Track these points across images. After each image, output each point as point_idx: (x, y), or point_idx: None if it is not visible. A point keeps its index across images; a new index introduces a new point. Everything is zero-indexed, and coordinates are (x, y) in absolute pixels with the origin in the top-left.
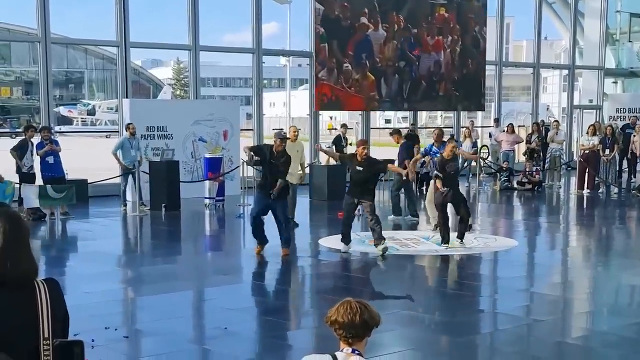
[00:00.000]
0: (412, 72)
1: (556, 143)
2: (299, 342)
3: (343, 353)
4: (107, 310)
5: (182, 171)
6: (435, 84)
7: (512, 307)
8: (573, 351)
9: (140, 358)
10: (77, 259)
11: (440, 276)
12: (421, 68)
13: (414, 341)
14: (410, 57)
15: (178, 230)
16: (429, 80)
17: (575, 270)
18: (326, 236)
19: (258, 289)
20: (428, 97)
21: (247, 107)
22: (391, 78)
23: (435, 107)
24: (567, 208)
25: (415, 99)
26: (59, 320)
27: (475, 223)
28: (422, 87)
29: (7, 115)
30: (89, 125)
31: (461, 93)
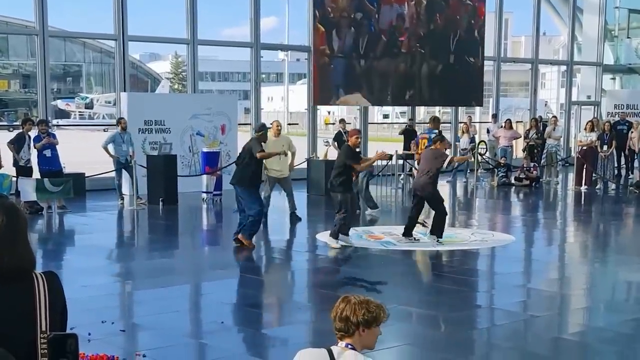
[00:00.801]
0: (371, 25)
1: (553, 139)
2: (296, 337)
3: (338, 347)
4: (103, 304)
5: (179, 165)
6: (397, 39)
7: (508, 302)
8: (569, 347)
9: (137, 352)
10: (74, 252)
11: (436, 271)
12: (381, 21)
13: (410, 336)
14: (368, 8)
15: (175, 224)
16: (390, 35)
17: (572, 266)
18: (323, 231)
19: (254, 283)
20: (388, 54)
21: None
22: (345, 30)
23: (397, 65)
24: (564, 204)
25: (374, 55)
26: (56, 313)
27: (473, 219)
28: (382, 42)
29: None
30: (87, 118)
31: (427, 50)
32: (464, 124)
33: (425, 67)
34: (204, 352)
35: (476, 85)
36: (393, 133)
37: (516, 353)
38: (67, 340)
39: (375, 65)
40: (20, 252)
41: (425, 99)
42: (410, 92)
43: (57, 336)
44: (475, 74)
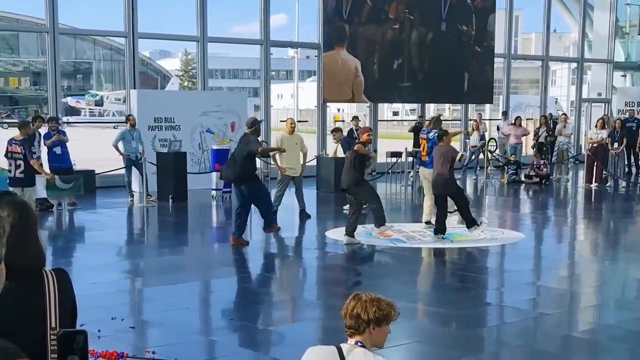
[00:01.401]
0: None
1: (564, 136)
2: (305, 334)
3: (347, 344)
4: (113, 301)
5: (189, 162)
6: (384, 4)
7: (518, 300)
8: (579, 344)
9: (147, 348)
10: (84, 249)
11: (446, 269)
12: None
13: (419, 334)
14: None
15: (185, 222)
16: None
17: (582, 263)
18: (332, 228)
19: (264, 280)
20: (374, 20)
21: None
22: None
23: (384, 32)
24: (574, 201)
25: (358, 20)
26: (66, 310)
27: (483, 216)
28: (367, 7)
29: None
30: (97, 115)
31: (416, 17)
32: (473, 121)
33: (415, 35)
34: (214, 349)
35: (469, 56)
36: (403, 130)
37: (526, 351)
38: (76, 337)
39: (360, 32)
40: (31, 250)
41: (415, 69)
42: (398, 62)
43: (66, 333)
44: (468, 43)
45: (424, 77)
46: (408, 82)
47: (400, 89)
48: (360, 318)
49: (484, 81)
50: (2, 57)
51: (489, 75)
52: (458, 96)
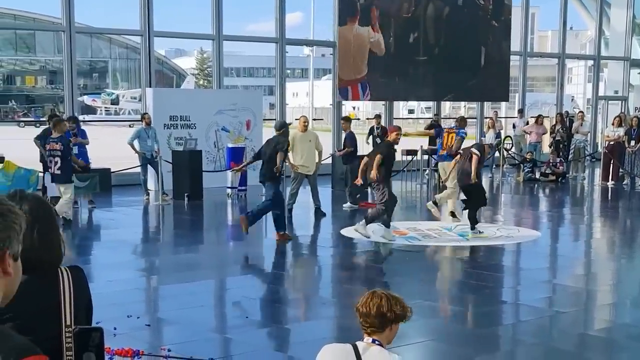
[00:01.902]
0: None
1: (580, 134)
2: (320, 332)
3: (363, 342)
4: (129, 299)
5: (204, 160)
6: None
7: (534, 298)
8: (596, 343)
9: (162, 346)
10: (100, 247)
11: (462, 267)
12: None
13: (435, 332)
14: None
15: (200, 220)
16: None
17: (598, 262)
18: (347, 226)
19: (279, 278)
20: None
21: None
22: None
23: (400, 6)
24: (590, 199)
25: None
26: (81, 308)
27: (498, 214)
28: None
29: (31, 104)
30: (113, 114)
31: None
32: (489, 119)
33: (432, 9)
34: (229, 347)
35: (485, 30)
36: (418, 128)
37: (541, 349)
38: (92, 334)
39: (375, 5)
40: (47, 246)
41: (430, 43)
42: (414, 35)
43: (82, 330)
44: (485, 18)
45: (440, 51)
46: (424, 55)
47: (417, 62)
48: (385, 316)
49: (500, 56)
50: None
51: (505, 50)
52: (475, 70)
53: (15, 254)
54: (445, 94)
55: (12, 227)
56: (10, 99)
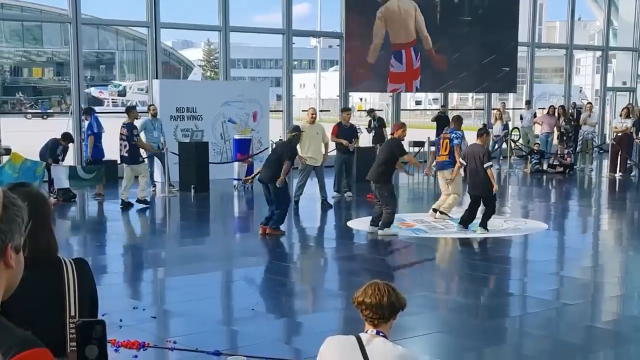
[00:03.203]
0: None
1: (588, 125)
2: (326, 324)
3: (367, 334)
4: (134, 290)
5: (211, 152)
6: None
7: (541, 290)
8: (603, 335)
9: (168, 338)
10: (106, 239)
11: (468, 259)
12: None
13: (441, 324)
14: None
15: (207, 212)
16: None
17: (605, 253)
18: (354, 218)
19: (285, 270)
20: None
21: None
22: None
23: None
24: (598, 191)
25: None
26: (86, 300)
27: (506, 206)
28: None
29: (38, 95)
30: (120, 105)
31: None
32: (497, 110)
33: None
34: (235, 339)
35: None
36: (425, 119)
37: (549, 341)
38: (95, 327)
39: None
40: (42, 239)
41: (475, 4)
42: None
43: (85, 322)
44: None
45: (484, 11)
46: (468, 16)
47: (462, 23)
48: (394, 306)
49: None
50: (25, 47)
51: None
52: None
53: (17, 247)
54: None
55: (14, 219)
56: (18, 90)
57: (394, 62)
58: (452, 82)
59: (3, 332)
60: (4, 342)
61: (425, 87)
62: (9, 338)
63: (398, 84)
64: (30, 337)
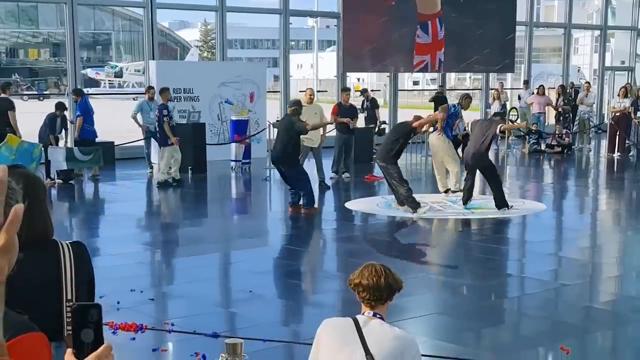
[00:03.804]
0: None
1: (585, 105)
2: (324, 305)
3: (364, 316)
4: (132, 273)
5: (208, 133)
6: None
7: (539, 271)
8: (601, 316)
9: (166, 320)
10: (103, 221)
11: (467, 239)
12: None
13: (439, 305)
14: None
15: (204, 193)
16: None
17: (604, 234)
18: (352, 199)
19: (283, 251)
20: None
21: (274, 68)
22: None
23: None
24: (596, 171)
25: None
26: (83, 283)
27: (504, 186)
28: None
29: (34, 77)
30: (116, 87)
31: None
32: (495, 90)
33: None
34: (233, 321)
35: None
36: (423, 100)
37: (547, 322)
38: (90, 310)
39: None
40: (37, 221)
41: None
42: None
43: (80, 306)
44: None
45: None
46: None
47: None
48: (392, 287)
49: None
50: (21, 28)
51: None
52: None
53: None
54: None
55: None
56: (14, 72)
57: (420, 33)
58: (476, 58)
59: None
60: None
61: (448, 59)
62: (4, 322)
63: (424, 56)
64: (25, 321)
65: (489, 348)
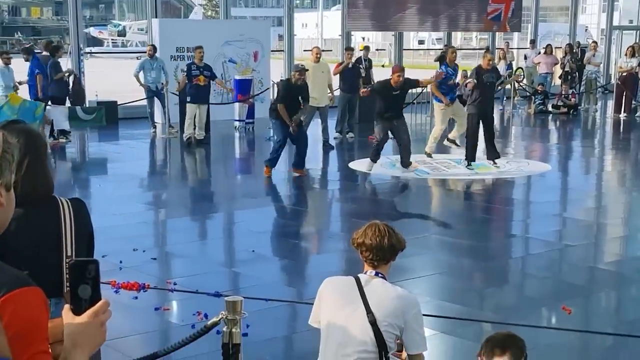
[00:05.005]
0: None
1: (592, 65)
2: (326, 265)
3: (366, 275)
4: (135, 232)
5: (211, 93)
6: None
7: (544, 231)
8: (605, 276)
9: (168, 279)
10: (106, 180)
11: (471, 200)
12: None
13: (443, 265)
14: None
15: (208, 153)
16: None
17: (609, 195)
18: (356, 159)
19: (286, 211)
20: None
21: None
22: None
23: None
24: (602, 132)
25: None
26: (82, 239)
27: (509, 147)
28: None
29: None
30: (120, 46)
31: None
32: (500, 50)
33: None
34: (236, 280)
35: None
36: (429, 60)
37: (551, 282)
38: (88, 266)
39: None
40: (40, 177)
41: None
42: None
43: (78, 262)
44: None
45: None
46: None
47: None
48: (394, 247)
49: None
50: None
51: None
52: None
53: (7, 184)
54: None
55: (4, 156)
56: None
57: None
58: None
59: None
60: None
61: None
62: (0, 277)
63: (499, 4)
64: (21, 276)
65: (492, 308)
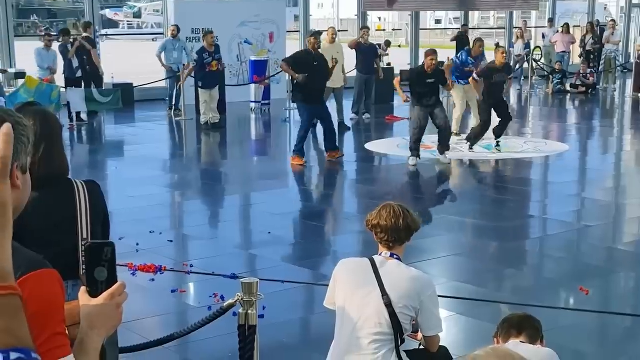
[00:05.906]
0: None
1: (612, 44)
2: (342, 247)
3: (381, 257)
4: (151, 214)
5: (227, 74)
6: None
7: (562, 212)
8: (623, 257)
9: (185, 262)
10: (122, 162)
11: (488, 180)
12: None
13: (459, 246)
14: None
15: (223, 135)
16: None
17: (627, 175)
18: (372, 140)
19: (302, 193)
20: None
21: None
22: None
23: None
24: (621, 111)
25: None
26: (98, 221)
27: (526, 127)
28: None
29: (53, 18)
30: (135, 28)
31: None
32: (518, 29)
33: None
34: (252, 263)
35: None
36: (446, 39)
37: (569, 263)
38: (104, 249)
39: None
40: (55, 158)
41: None
42: None
43: (94, 244)
44: None
45: None
46: None
47: None
48: (410, 228)
49: None
50: None
51: None
52: None
53: (23, 167)
54: None
55: (20, 139)
56: (32, 13)
57: None
58: None
59: None
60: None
61: None
62: (16, 259)
63: None
64: (37, 258)
65: (509, 289)
